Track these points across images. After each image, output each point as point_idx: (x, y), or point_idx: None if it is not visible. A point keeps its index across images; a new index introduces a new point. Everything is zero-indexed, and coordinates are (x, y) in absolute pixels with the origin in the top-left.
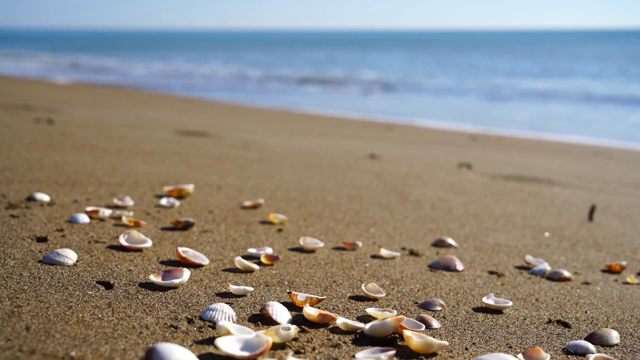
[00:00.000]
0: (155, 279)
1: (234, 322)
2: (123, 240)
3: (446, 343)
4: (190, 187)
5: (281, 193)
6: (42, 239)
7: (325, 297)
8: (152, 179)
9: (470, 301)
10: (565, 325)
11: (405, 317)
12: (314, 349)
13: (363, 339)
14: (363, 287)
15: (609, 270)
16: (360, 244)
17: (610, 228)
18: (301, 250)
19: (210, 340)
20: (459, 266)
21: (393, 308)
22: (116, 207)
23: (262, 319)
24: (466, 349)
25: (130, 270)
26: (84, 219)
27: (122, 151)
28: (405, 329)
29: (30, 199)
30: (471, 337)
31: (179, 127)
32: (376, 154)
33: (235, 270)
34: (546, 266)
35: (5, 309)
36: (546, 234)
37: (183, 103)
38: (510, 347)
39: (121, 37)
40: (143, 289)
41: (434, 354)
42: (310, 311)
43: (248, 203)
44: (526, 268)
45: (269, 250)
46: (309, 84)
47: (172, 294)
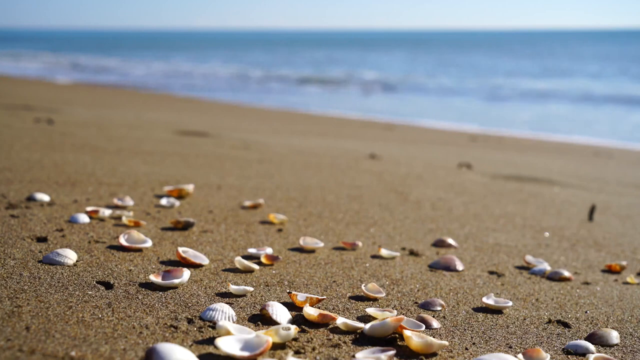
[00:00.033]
0: (155, 279)
1: (234, 322)
2: (123, 240)
3: (446, 343)
4: (190, 187)
5: (281, 193)
6: (42, 239)
7: (325, 297)
8: (152, 179)
9: (470, 301)
10: (565, 325)
11: (405, 317)
12: (314, 349)
13: (363, 339)
14: (363, 287)
15: (609, 270)
16: (360, 244)
17: (610, 228)
18: (301, 250)
19: (210, 340)
20: (459, 266)
21: (393, 308)
22: (116, 207)
23: (262, 319)
24: (466, 349)
25: (130, 270)
26: (84, 219)
27: (122, 151)
28: (405, 329)
29: (30, 199)
30: (471, 337)
31: (179, 127)
32: (376, 154)
33: (235, 270)
34: (546, 266)
35: (5, 309)
36: (546, 234)
37: (183, 103)
38: (510, 347)
39: (121, 37)
40: (143, 289)
41: (434, 354)
42: (310, 311)
43: (248, 203)
44: (526, 268)
45: (269, 250)
46: (309, 84)
47: (172, 294)
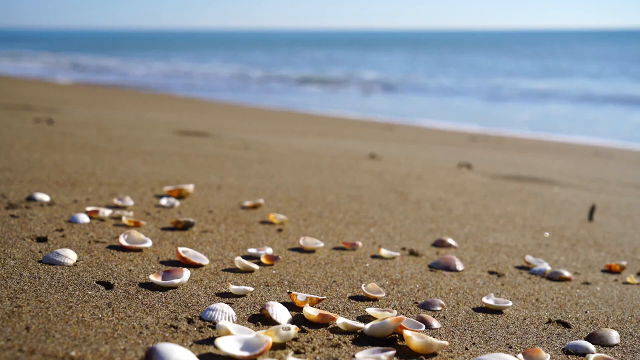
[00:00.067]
0: (155, 279)
1: (234, 322)
2: (123, 240)
3: (446, 343)
4: (190, 187)
5: (281, 193)
6: (42, 239)
7: (325, 297)
8: (152, 179)
9: (470, 301)
10: (565, 325)
11: (405, 317)
12: (314, 349)
13: (363, 339)
14: (363, 287)
15: (609, 270)
16: (360, 244)
17: (610, 228)
18: (301, 250)
19: (210, 340)
20: (459, 266)
21: (393, 308)
22: (116, 207)
23: (262, 319)
24: (466, 349)
25: (130, 270)
26: (84, 219)
27: (122, 151)
28: (405, 329)
29: (30, 199)
30: (471, 337)
31: (179, 127)
32: (376, 154)
33: (235, 270)
34: (546, 266)
35: (5, 309)
36: (546, 234)
37: (183, 103)
38: (510, 347)
39: (121, 37)
40: (143, 289)
41: (434, 354)
42: (310, 311)
43: (248, 203)
44: (526, 268)
45: (269, 250)
46: (309, 84)
47: (172, 294)
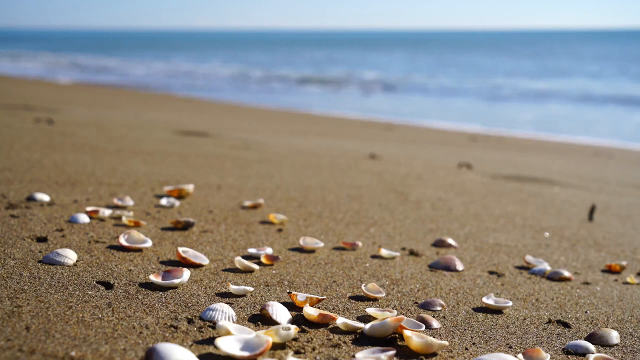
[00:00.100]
0: (155, 279)
1: (234, 322)
2: (123, 240)
3: (446, 343)
4: (190, 187)
5: (281, 193)
6: (42, 239)
7: (325, 297)
8: (152, 179)
9: (470, 301)
10: (565, 325)
11: (405, 317)
12: (314, 349)
13: (363, 339)
14: (363, 287)
15: (609, 270)
16: (360, 244)
17: (610, 228)
18: (301, 250)
19: (210, 340)
20: (459, 266)
21: (393, 308)
22: (116, 207)
23: (262, 319)
24: (466, 349)
25: (130, 270)
26: (84, 219)
27: (122, 151)
28: (405, 329)
29: (30, 199)
30: (471, 337)
31: (179, 127)
32: (376, 154)
33: (235, 270)
34: (546, 266)
35: (5, 309)
36: (546, 234)
37: (183, 103)
38: (510, 347)
39: (121, 37)
40: (143, 289)
41: (434, 354)
42: (310, 311)
43: (248, 203)
44: (526, 268)
45: (269, 250)
46: (309, 84)
47: (172, 294)
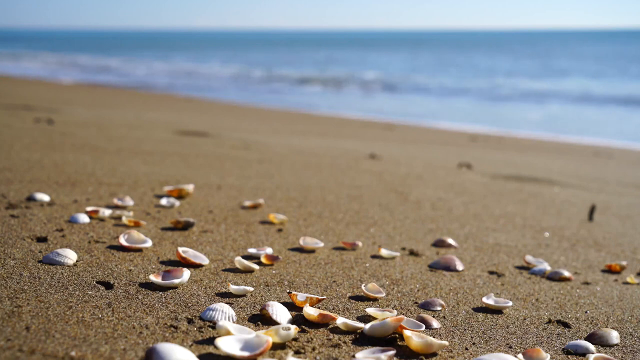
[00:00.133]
0: (155, 279)
1: (234, 322)
2: (123, 240)
3: (446, 343)
4: (190, 187)
5: (281, 193)
6: (42, 239)
7: (325, 297)
8: (152, 179)
9: (470, 301)
10: (565, 325)
11: (405, 317)
12: (314, 349)
13: (363, 339)
14: (363, 287)
15: (609, 270)
16: (360, 244)
17: (610, 228)
18: (301, 250)
19: (210, 340)
20: (459, 266)
21: (393, 308)
22: (116, 207)
23: (262, 319)
24: (466, 349)
25: (130, 270)
26: (84, 219)
27: (122, 151)
28: (405, 329)
29: (30, 199)
30: (471, 337)
31: (179, 127)
32: (376, 154)
33: (235, 270)
34: (546, 266)
35: (5, 309)
36: (546, 234)
37: (183, 103)
38: (510, 347)
39: (121, 37)
40: (143, 289)
41: (434, 354)
42: (310, 311)
43: (248, 203)
44: (526, 268)
45: (269, 250)
46: (309, 84)
47: (172, 294)
